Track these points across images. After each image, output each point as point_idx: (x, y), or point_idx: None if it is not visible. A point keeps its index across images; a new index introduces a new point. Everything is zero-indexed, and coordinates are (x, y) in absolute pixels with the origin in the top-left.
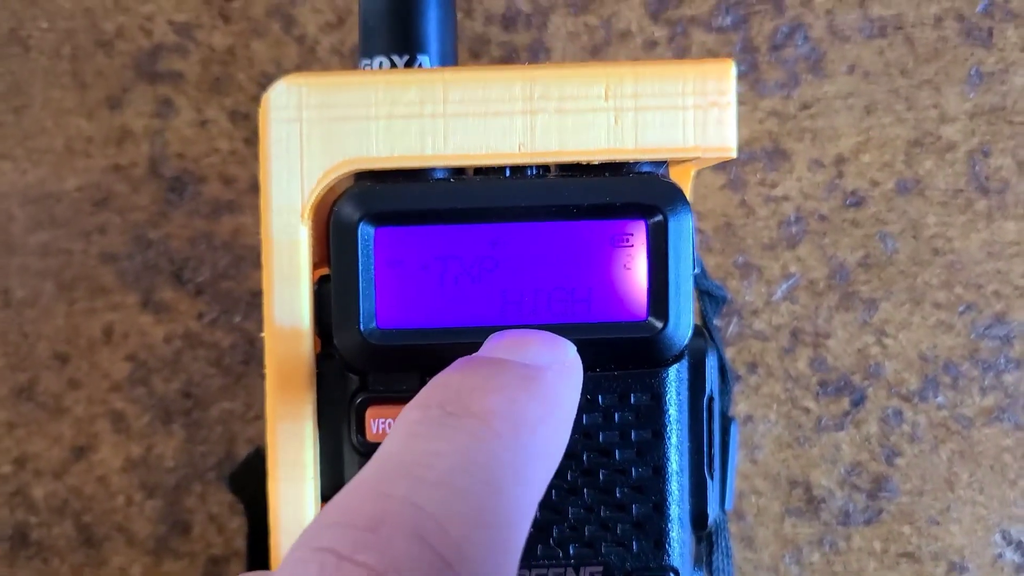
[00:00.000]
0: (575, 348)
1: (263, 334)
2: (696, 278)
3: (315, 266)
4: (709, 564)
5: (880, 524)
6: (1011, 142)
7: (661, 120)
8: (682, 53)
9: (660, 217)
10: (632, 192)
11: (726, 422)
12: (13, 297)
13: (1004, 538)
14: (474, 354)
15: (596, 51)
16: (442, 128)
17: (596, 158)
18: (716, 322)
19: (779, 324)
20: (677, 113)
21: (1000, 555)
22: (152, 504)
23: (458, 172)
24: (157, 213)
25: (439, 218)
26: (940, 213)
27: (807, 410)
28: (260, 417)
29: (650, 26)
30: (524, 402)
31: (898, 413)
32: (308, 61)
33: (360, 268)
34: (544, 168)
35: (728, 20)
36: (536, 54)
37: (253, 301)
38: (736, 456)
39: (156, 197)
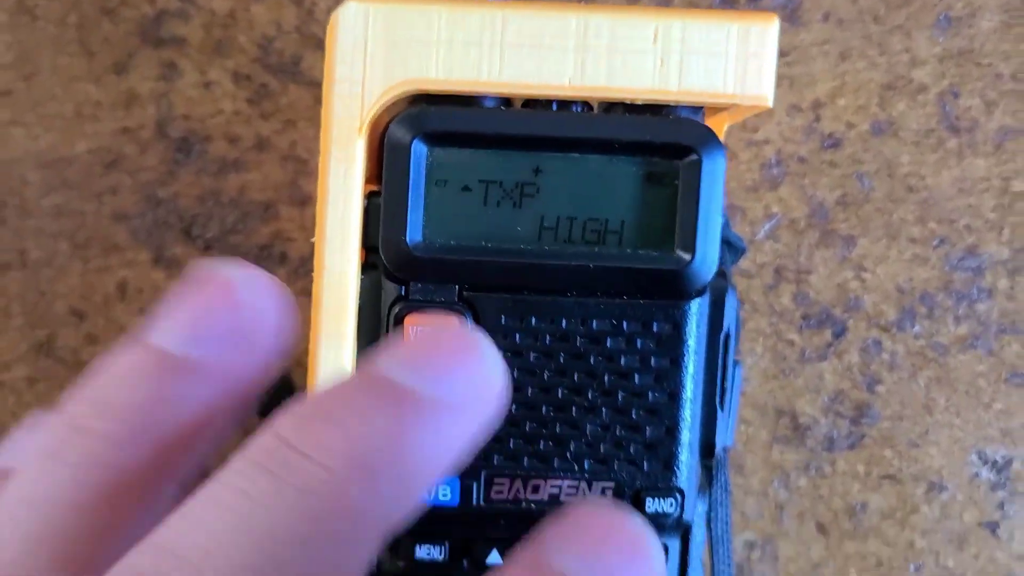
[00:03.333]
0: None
1: (313, 239)
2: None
3: (365, 182)
4: (708, 496)
5: (862, 448)
6: (979, 83)
7: (704, 66)
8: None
9: (695, 157)
10: (671, 132)
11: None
12: (29, 258)
13: (980, 458)
14: None
15: None
16: (498, 57)
17: (640, 97)
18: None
19: (763, 262)
20: (719, 61)
21: (977, 474)
22: None
23: (506, 104)
24: (166, 173)
25: (488, 143)
26: (913, 152)
27: (791, 343)
28: None
29: None
30: None
31: (877, 343)
32: (306, 23)
33: (410, 183)
34: (588, 106)
35: None
36: None
37: (260, 255)
38: (738, 397)
39: (164, 157)
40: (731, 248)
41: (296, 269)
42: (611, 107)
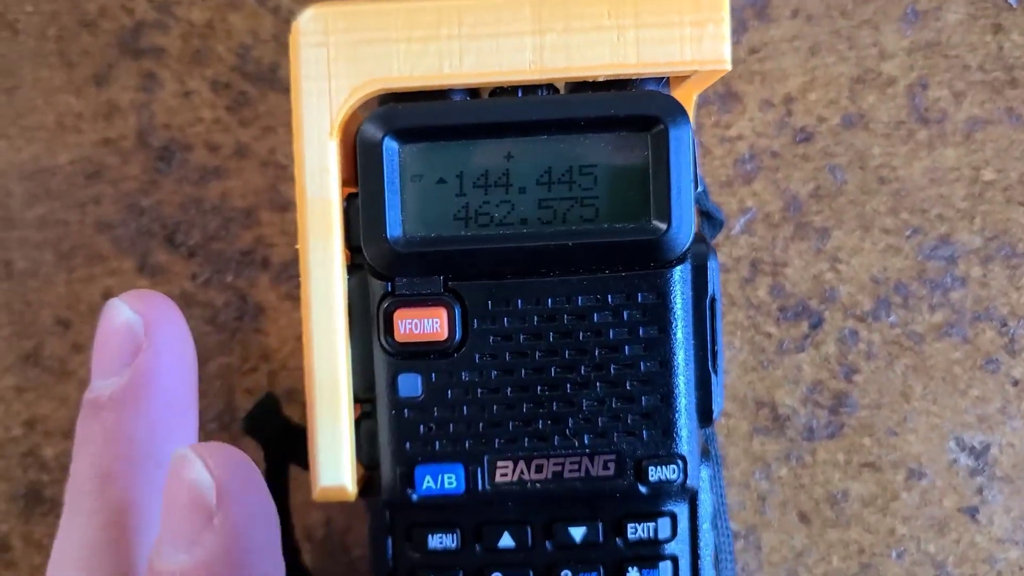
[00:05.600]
0: None
1: (297, 246)
2: (699, 197)
3: (343, 183)
4: (710, 463)
5: (842, 437)
6: (947, 74)
7: (660, 36)
8: None
9: (661, 127)
10: (635, 105)
11: None
12: (15, 268)
13: (958, 444)
14: None
15: None
16: (458, 49)
17: (601, 73)
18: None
19: (739, 256)
20: (675, 30)
21: (955, 460)
22: None
23: (474, 95)
24: (148, 182)
25: (457, 134)
26: (884, 144)
27: (769, 335)
28: (256, 369)
29: None
30: None
31: (854, 333)
32: (283, 31)
33: (385, 180)
34: (554, 89)
35: None
36: None
37: (243, 260)
38: (723, 374)
39: (146, 166)
40: (711, 220)
41: (279, 274)
42: (577, 87)
